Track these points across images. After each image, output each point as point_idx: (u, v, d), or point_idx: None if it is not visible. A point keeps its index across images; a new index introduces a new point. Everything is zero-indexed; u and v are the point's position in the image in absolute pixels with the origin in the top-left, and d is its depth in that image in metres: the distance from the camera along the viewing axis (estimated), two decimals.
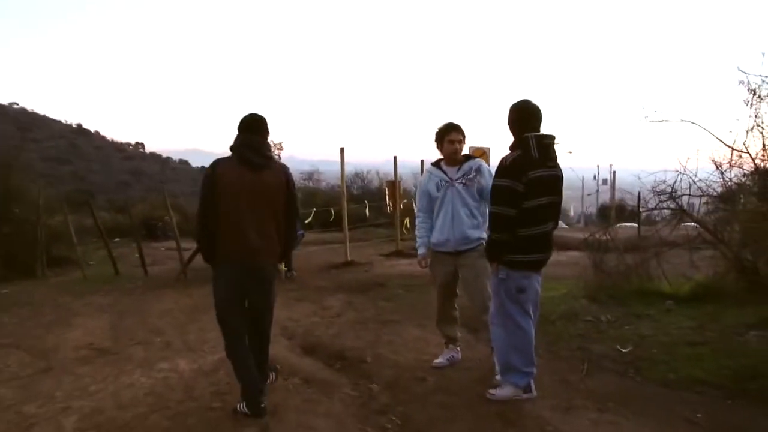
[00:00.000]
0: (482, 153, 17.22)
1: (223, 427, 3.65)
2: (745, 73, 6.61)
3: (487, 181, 4.35)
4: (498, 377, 4.11)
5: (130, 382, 4.58)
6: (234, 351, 3.83)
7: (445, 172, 4.62)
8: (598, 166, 46.81)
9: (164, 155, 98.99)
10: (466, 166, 4.59)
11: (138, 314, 7.27)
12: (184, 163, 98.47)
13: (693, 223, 8.66)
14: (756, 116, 6.59)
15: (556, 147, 3.82)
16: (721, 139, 6.76)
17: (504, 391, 3.90)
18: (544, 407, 3.76)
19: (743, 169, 6.88)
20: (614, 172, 19.48)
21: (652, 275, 7.19)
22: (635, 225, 12.97)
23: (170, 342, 5.82)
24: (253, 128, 3.83)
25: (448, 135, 4.59)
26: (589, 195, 44.41)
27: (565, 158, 4.84)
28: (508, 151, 3.78)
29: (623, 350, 4.80)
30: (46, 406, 4.08)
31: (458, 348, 4.90)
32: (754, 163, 6.61)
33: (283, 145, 29.84)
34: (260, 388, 3.81)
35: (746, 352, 4.41)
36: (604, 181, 42.07)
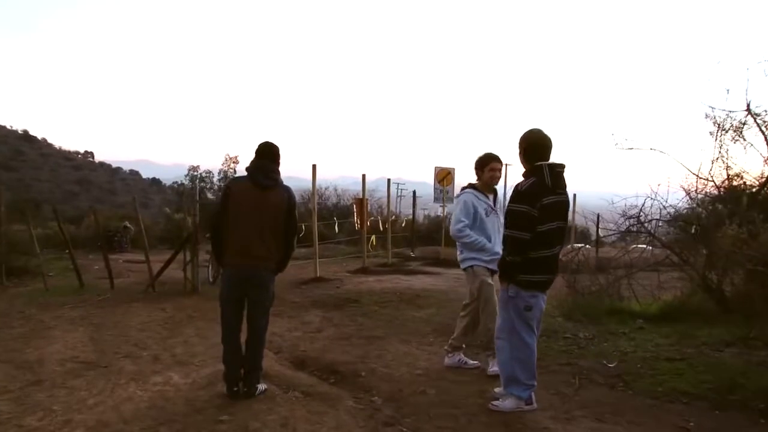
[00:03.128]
0: (447, 173, 17.60)
1: None
2: (711, 107, 7.10)
3: None
4: (498, 389, 4.30)
5: (127, 395, 4.55)
6: (226, 339, 4.49)
7: (488, 198, 5.02)
8: None
9: (114, 165, 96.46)
10: (498, 196, 5.11)
11: (115, 327, 7.14)
12: (134, 173, 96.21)
13: (644, 246, 9.14)
14: (720, 148, 7.09)
15: (564, 175, 4.06)
16: (688, 168, 7.22)
17: (507, 403, 4.08)
18: (546, 417, 3.97)
19: (708, 196, 7.37)
20: (574, 195, 20.22)
21: (622, 295, 7.56)
22: (588, 246, 13.50)
23: (158, 356, 5.77)
24: (265, 154, 4.48)
25: (490, 164, 4.99)
26: None
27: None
28: (522, 178, 4.02)
29: (609, 365, 5.07)
30: (46, 419, 4.02)
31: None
32: (719, 191, 7.08)
33: (238, 158, 29.69)
34: (239, 376, 4.45)
35: (722, 367, 4.74)
36: None
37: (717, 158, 7.04)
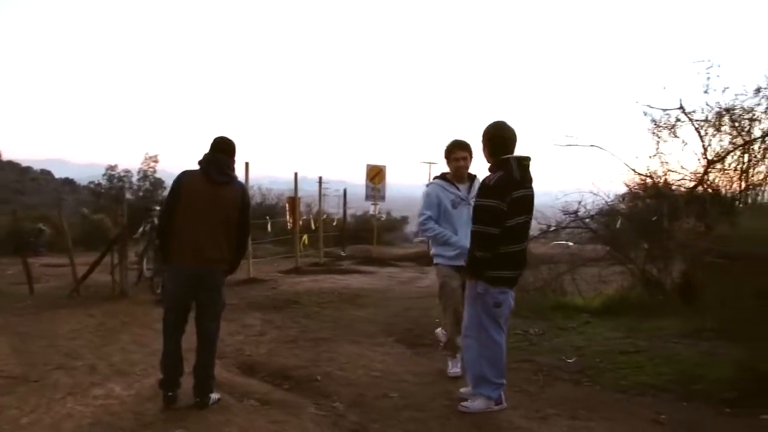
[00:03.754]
0: (379, 171, 17.54)
1: None
2: (650, 106, 7.34)
3: None
4: (464, 390, 4.21)
5: (66, 412, 4.12)
6: (167, 343, 4.24)
7: (458, 189, 4.79)
8: None
9: (23, 164, 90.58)
10: (475, 185, 4.71)
11: (43, 337, 6.56)
12: (46, 173, 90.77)
13: (566, 242, 9.33)
14: (658, 145, 7.34)
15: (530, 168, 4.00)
16: (627, 164, 7.42)
17: (477, 404, 3.99)
18: (518, 417, 3.91)
19: (643, 192, 7.61)
20: None
21: (566, 290, 7.69)
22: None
23: (94, 366, 5.32)
24: (221, 149, 4.25)
25: (453, 153, 4.77)
26: None
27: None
28: (488, 173, 3.93)
29: (569, 360, 5.08)
30: None
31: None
32: (657, 187, 7.31)
33: (158, 158, 28.55)
34: (177, 382, 4.20)
35: (678, 359, 4.84)
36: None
37: (655, 155, 7.28)
